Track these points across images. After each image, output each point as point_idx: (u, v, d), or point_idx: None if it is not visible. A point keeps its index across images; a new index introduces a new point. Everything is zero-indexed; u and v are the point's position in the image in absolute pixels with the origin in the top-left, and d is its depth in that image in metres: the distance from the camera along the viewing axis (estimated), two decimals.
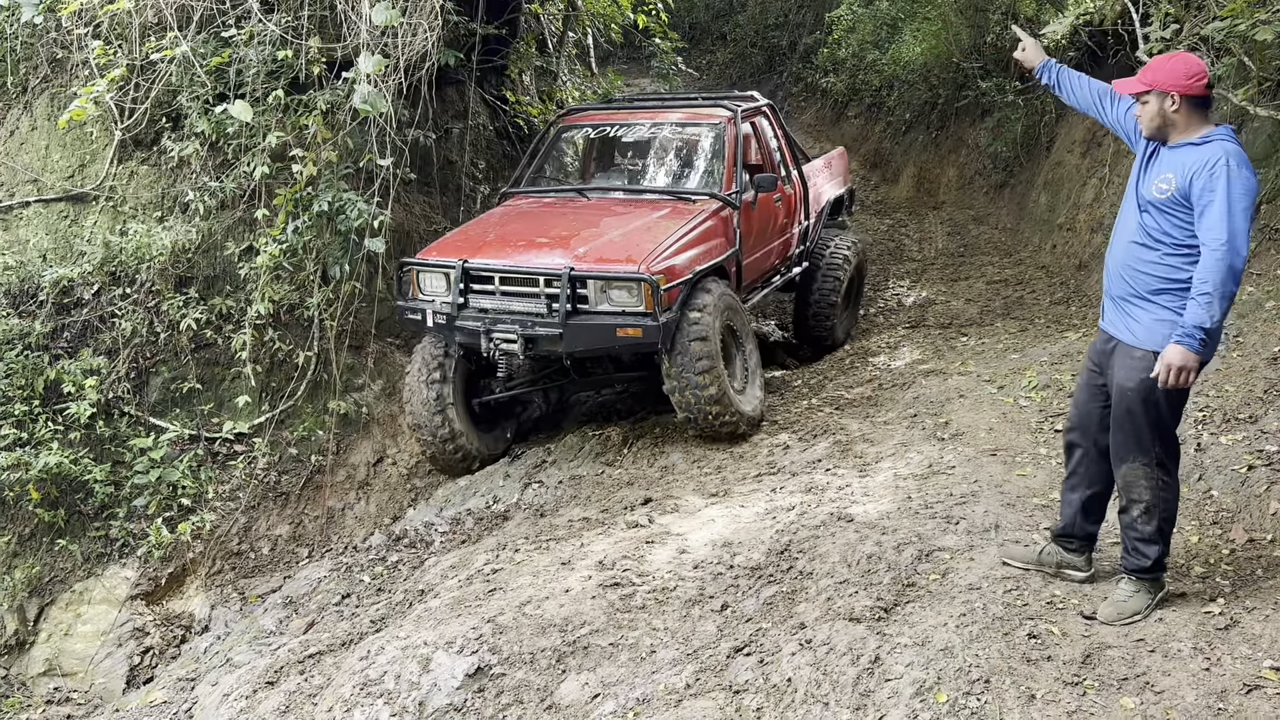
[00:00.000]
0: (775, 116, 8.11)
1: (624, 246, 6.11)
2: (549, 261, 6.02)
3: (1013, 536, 4.18)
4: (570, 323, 5.89)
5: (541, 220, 6.85)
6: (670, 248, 6.07)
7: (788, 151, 8.04)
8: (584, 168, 7.74)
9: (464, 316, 6.19)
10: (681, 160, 7.38)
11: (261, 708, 4.29)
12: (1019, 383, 6.11)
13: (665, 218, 6.50)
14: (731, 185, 6.84)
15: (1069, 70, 3.99)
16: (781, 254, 7.86)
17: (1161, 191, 3.40)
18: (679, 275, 5.98)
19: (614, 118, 7.68)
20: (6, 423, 6.57)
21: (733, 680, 3.57)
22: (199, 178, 7.15)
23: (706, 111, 7.50)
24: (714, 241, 6.49)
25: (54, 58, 7.72)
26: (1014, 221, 10.96)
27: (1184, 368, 3.29)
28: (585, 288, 5.90)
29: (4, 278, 7.04)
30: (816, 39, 16.59)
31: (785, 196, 7.75)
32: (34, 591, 6.53)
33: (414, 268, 6.40)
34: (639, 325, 5.80)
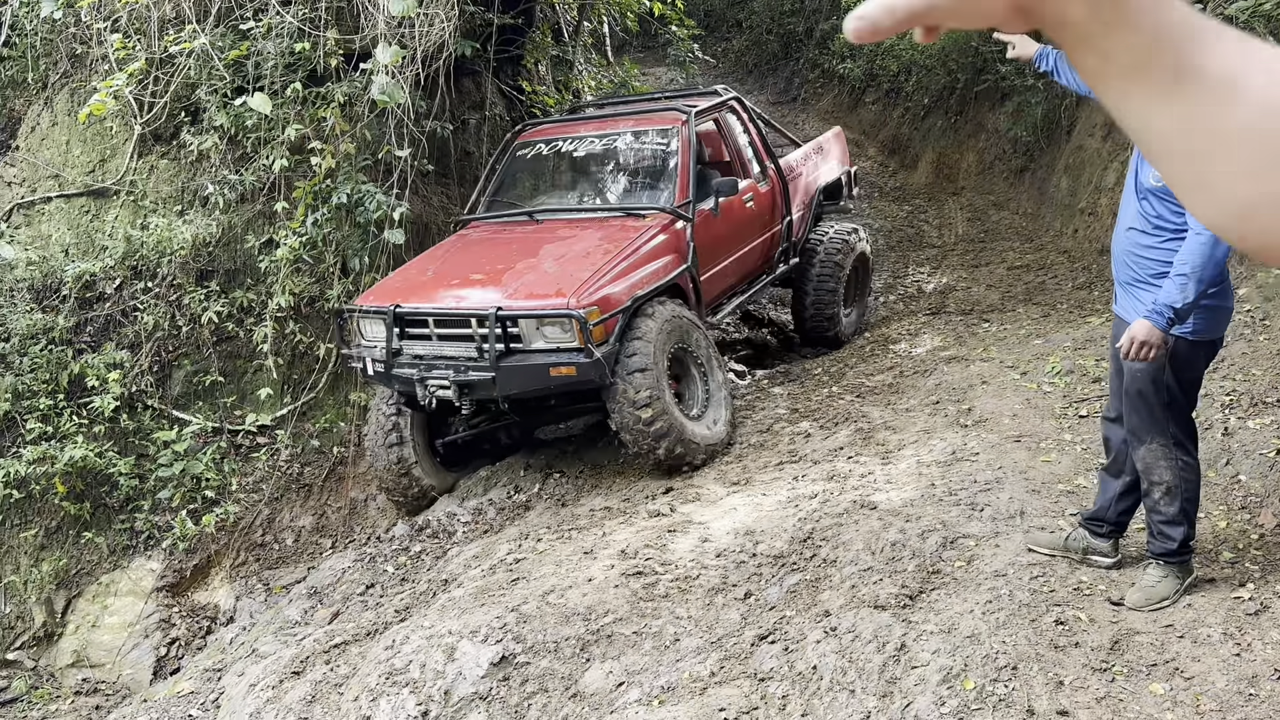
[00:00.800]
0: (745, 109, 7.71)
1: (556, 279, 5.72)
2: (478, 301, 5.67)
3: (1038, 523, 4.15)
4: (502, 365, 5.53)
5: (482, 253, 6.46)
6: (606, 275, 5.68)
7: (761, 145, 7.61)
8: (536, 188, 7.23)
9: (399, 364, 5.87)
10: (632, 172, 6.94)
11: (288, 698, 4.31)
12: (1042, 368, 6.06)
13: (606, 240, 6.11)
14: (685, 195, 6.42)
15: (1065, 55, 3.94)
16: (763, 254, 7.47)
17: (1158, 179, 3.38)
18: (615, 304, 5.60)
19: (566, 130, 7.27)
20: (32, 417, 6.63)
21: (757, 668, 3.56)
22: (218, 171, 7.18)
23: (658, 116, 7.05)
24: (663, 260, 6.10)
25: (73, 53, 7.76)
26: (1035, 206, 10.87)
27: (1147, 342, 3.31)
28: (517, 326, 5.54)
29: (27, 273, 7.10)
30: (833, 24, 16.48)
31: (759, 194, 7.35)
32: (61, 584, 6.60)
33: (354, 314, 6.11)
34: (572, 363, 5.44)
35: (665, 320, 5.74)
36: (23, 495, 6.53)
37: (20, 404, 6.66)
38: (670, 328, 5.77)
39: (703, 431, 5.86)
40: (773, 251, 7.58)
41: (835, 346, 8.11)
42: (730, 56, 19.03)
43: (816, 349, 8.22)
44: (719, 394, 6.11)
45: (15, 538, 6.61)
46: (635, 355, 5.55)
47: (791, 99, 16.90)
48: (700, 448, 5.78)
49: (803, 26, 17.63)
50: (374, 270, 7.02)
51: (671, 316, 5.81)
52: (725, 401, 6.13)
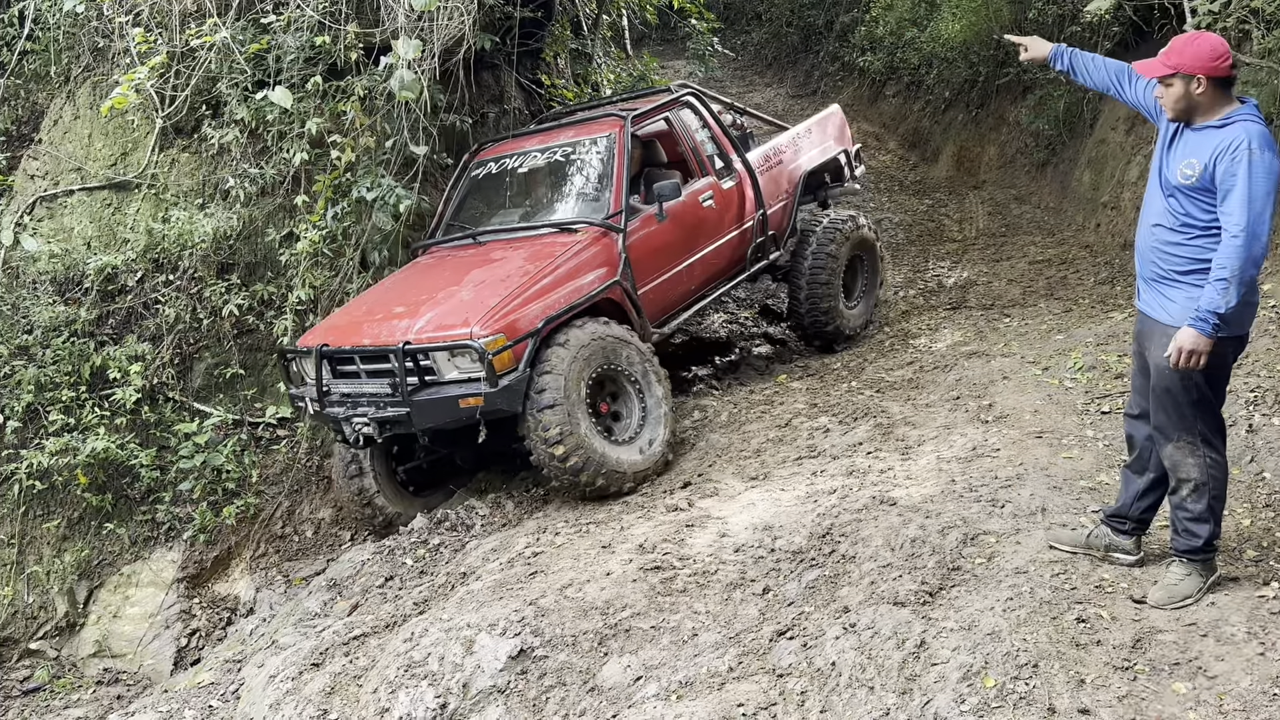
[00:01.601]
0: (704, 104, 7.38)
1: (466, 307, 5.57)
2: (391, 336, 5.55)
3: (1060, 520, 4.12)
4: (415, 399, 5.42)
5: (417, 282, 6.31)
6: (518, 299, 5.53)
7: (725, 140, 7.30)
8: (487, 208, 7.00)
9: (329, 403, 5.80)
10: (571, 184, 6.73)
11: (307, 689, 4.34)
12: (1064, 364, 6.01)
13: (530, 259, 5.93)
14: (619, 204, 6.22)
15: (1081, 53, 3.88)
16: (731, 253, 7.15)
17: (1186, 177, 3.35)
18: (523, 329, 5.43)
19: (514, 147, 7.05)
20: (55, 409, 6.69)
21: (776, 664, 3.55)
22: (239, 165, 7.22)
23: (595, 124, 6.81)
24: (588, 275, 5.90)
25: (95, 46, 7.81)
26: (1057, 200, 10.79)
27: (1195, 350, 3.28)
28: (429, 359, 5.43)
29: (50, 265, 7.16)
30: (854, 17, 16.39)
31: (721, 192, 7.03)
32: (83, 574, 6.67)
33: (294, 355, 6.05)
34: (479, 394, 5.30)
35: (582, 345, 5.53)
36: (45, 486, 6.59)
37: (43, 396, 6.71)
38: (592, 350, 5.56)
39: (632, 457, 5.65)
40: (743, 249, 7.27)
41: (836, 343, 7.87)
42: (749, 49, 18.96)
43: (823, 347, 7.95)
44: (657, 411, 5.87)
45: (38, 528, 6.68)
46: (545, 391, 5.36)
47: (811, 92, 16.83)
48: (627, 475, 5.58)
49: (823, 19, 17.54)
50: (393, 264, 7.03)
51: (592, 338, 5.59)
52: (664, 419, 5.87)
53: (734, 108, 8.38)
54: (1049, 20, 11.27)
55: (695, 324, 9.28)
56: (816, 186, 8.34)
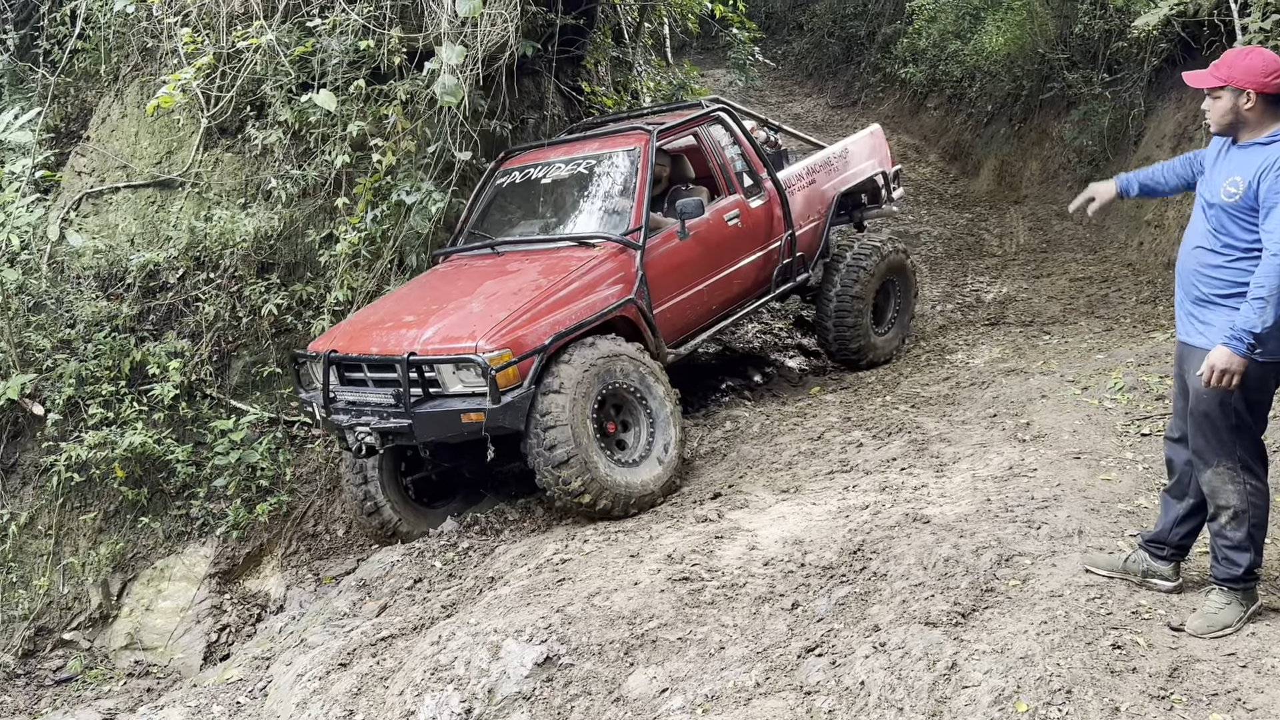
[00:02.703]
0: (735, 120, 7.22)
1: (475, 320, 5.49)
2: (399, 345, 5.50)
3: (1096, 543, 4.05)
4: (417, 411, 5.35)
5: (431, 291, 6.25)
6: (527, 313, 5.44)
7: (755, 157, 7.15)
8: (510, 217, 6.90)
9: (334, 410, 5.76)
10: (594, 198, 6.59)
11: (334, 689, 4.35)
12: (1104, 384, 5.93)
13: (544, 273, 5.84)
14: (639, 220, 6.11)
15: (1144, 171, 3.81)
16: (756, 274, 7.01)
17: (1230, 195, 3.28)
18: (530, 345, 5.33)
19: (540, 157, 6.95)
20: (94, 402, 6.78)
21: (804, 681, 3.51)
22: (281, 165, 7.29)
23: (622, 137, 6.67)
24: (602, 291, 5.79)
25: (144, 46, 7.92)
26: (1099, 217, 10.65)
27: (1228, 370, 3.22)
28: (434, 371, 5.36)
29: (94, 261, 7.27)
30: (896, 29, 16.31)
31: (748, 211, 6.90)
32: (118, 567, 6.75)
33: (304, 360, 6.03)
34: (481, 409, 5.20)
35: (591, 363, 5.41)
36: (83, 479, 6.68)
37: (84, 389, 6.81)
38: (600, 370, 5.44)
39: (638, 479, 5.53)
40: (769, 270, 7.13)
41: (864, 367, 7.70)
42: (790, 59, 18.93)
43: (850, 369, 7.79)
44: (665, 433, 5.73)
45: (75, 520, 6.77)
46: (549, 412, 5.24)
47: (852, 103, 16.77)
48: (632, 498, 5.46)
49: (865, 30, 17.48)
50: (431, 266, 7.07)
51: (601, 357, 5.47)
52: (673, 440, 5.73)
53: (768, 124, 8.27)
54: (1095, 35, 11.17)
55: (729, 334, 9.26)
56: (853, 207, 8.21)
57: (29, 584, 6.59)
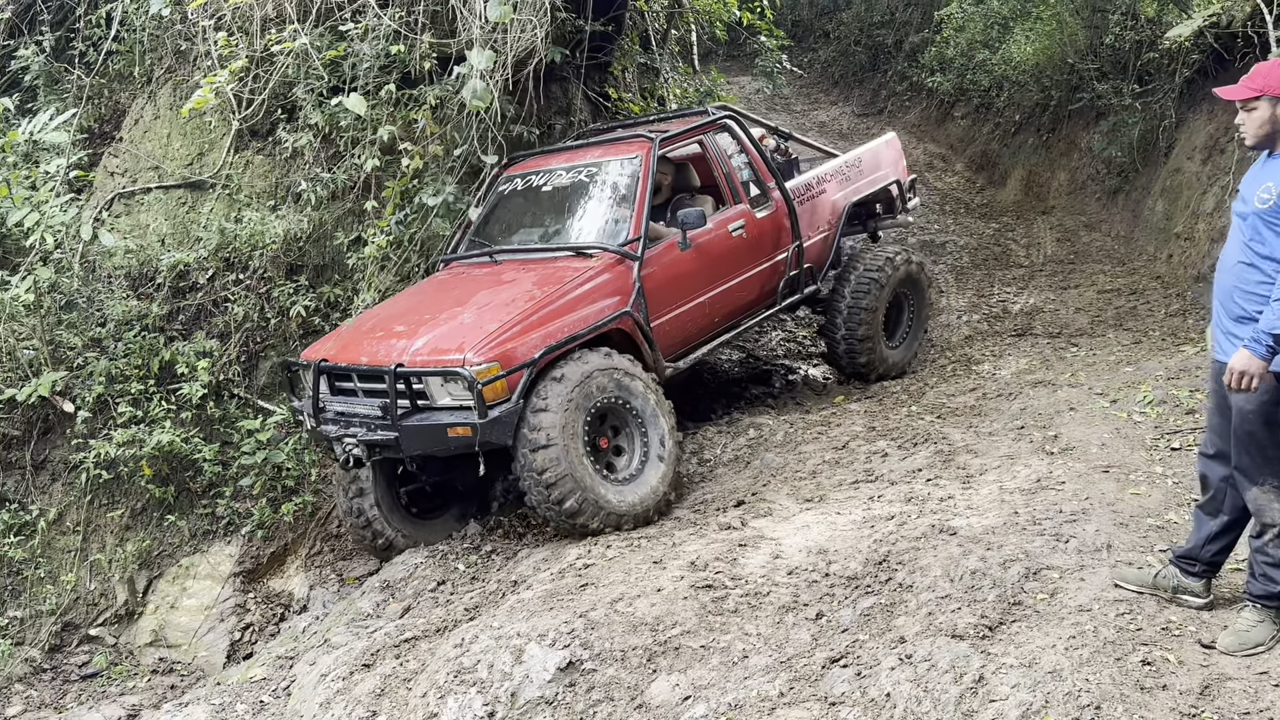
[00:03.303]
0: (742, 127, 7.04)
1: (464, 331, 5.37)
2: (388, 356, 5.39)
3: (1125, 558, 4.01)
4: (404, 424, 5.25)
5: (426, 300, 6.13)
6: (518, 325, 5.32)
7: (763, 166, 6.98)
8: (510, 225, 6.75)
9: (323, 420, 5.68)
10: (589, 206, 6.46)
11: (357, 690, 4.37)
12: (1133, 397, 5.88)
13: (539, 284, 5.72)
14: (638, 231, 5.98)
15: None
16: (761, 286, 6.85)
17: (1264, 201, 3.26)
18: (519, 358, 5.21)
19: (541, 164, 6.82)
20: (123, 400, 6.85)
21: (828, 691, 3.50)
22: (311, 168, 7.35)
23: (623, 145, 6.53)
24: (597, 304, 5.66)
25: (178, 49, 8.01)
26: (1128, 229, 10.57)
27: (1245, 372, 3.20)
28: (422, 383, 5.25)
29: (125, 261, 7.34)
30: (924, 37, 16.25)
31: (754, 221, 6.74)
32: (144, 564, 6.80)
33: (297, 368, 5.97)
34: (468, 423, 5.09)
35: (582, 378, 5.28)
36: (111, 476, 6.74)
37: (113, 388, 6.87)
38: (592, 384, 5.31)
39: (633, 497, 5.41)
40: (775, 281, 6.97)
41: (874, 380, 7.55)
42: (816, 67, 18.89)
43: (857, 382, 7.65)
44: (660, 450, 5.60)
45: (103, 517, 6.83)
46: (538, 428, 5.13)
47: (878, 111, 16.71)
48: (625, 517, 5.35)
49: (892, 39, 17.42)
50: None
51: (593, 371, 5.34)
52: (668, 458, 5.60)
53: (778, 132, 8.12)
54: (1126, 46, 11.08)
55: (751, 341, 9.24)
56: (867, 217, 8.07)
57: (56, 580, 6.65)
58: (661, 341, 6.08)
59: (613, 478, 5.45)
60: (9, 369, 6.80)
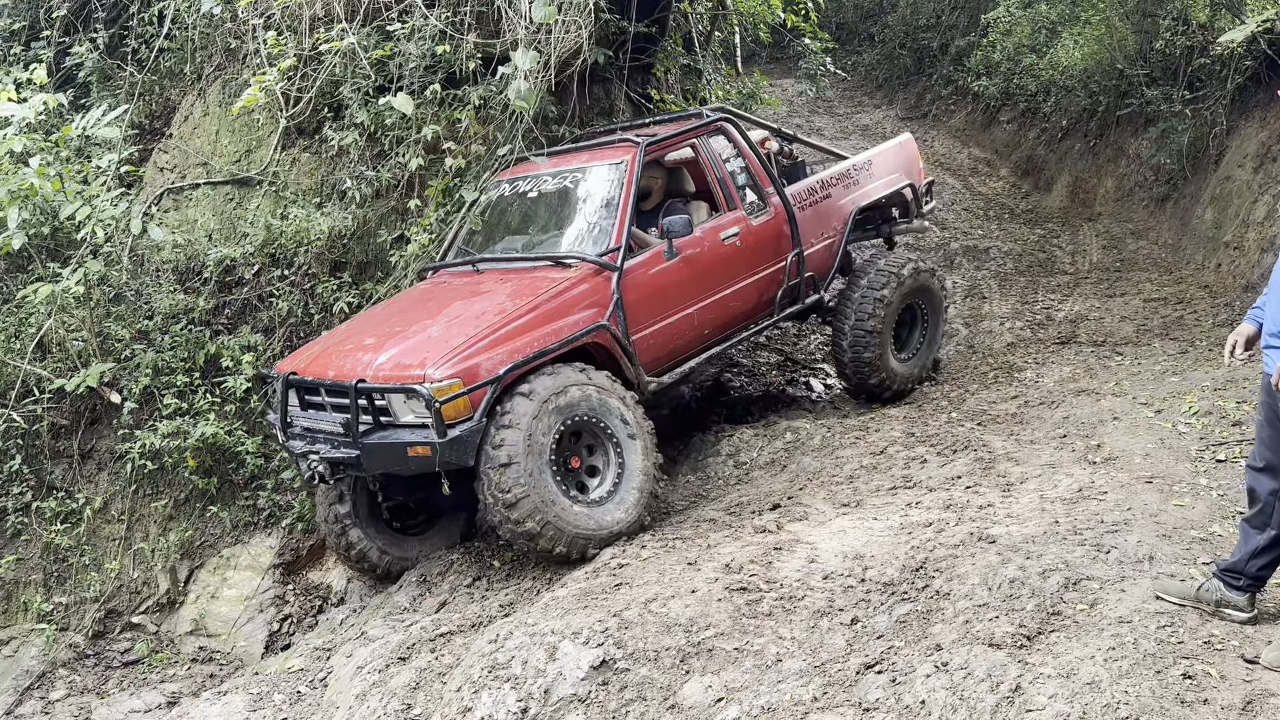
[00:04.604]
0: (739, 130, 6.79)
1: (429, 345, 5.19)
2: (354, 370, 5.22)
3: (1168, 570, 3.95)
4: (364, 442, 5.10)
5: (401, 310, 5.96)
6: (485, 339, 5.13)
7: (761, 171, 6.72)
8: (496, 232, 6.55)
9: (291, 434, 5.56)
10: (572, 214, 6.24)
11: (393, 682, 4.41)
12: (1178, 407, 5.79)
13: (512, 295, 5.51)
14: (619, 240, 5.75)
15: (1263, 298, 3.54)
16: (758, 296, 6.60)
17: None
18: (482, 375, 5.00)
19: (530, 169, 6.60)
20: (169, 392, 6.96)
21: (862, 697, 3.48)
22: (356, 167, 7.42)
23: (609, 150, 6.28)
24: (572, 316, 5.43)
25: (228, 47, 8.13)
26: (1176, 237, 10.41)
27: None
28: (385, 399, 5.08)
29: (173, 255, 7.46)
30: (970, 41, 16.11)
31: (750, 229, 6.47)
32: (186, 554, 6.91)
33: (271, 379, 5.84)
34: (427, 443, 4.92)
35: (551, 394, 5.06)
36: (156, 467, 6.85)
37: (159, 380, 6.99)
38: (562, 401, 5.10)
39: (605, 519, 5.19)
40: (773, 291, 6.69)
41: (882, 398, 7.25)
42: (860, 70, 18.79)
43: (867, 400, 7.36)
44: (634, 469, 5.36)
45: (147, 507, 6.94)
46: (501, 447, 4.92)
47: (922, 115, 16.59)
48: (593, 540, 5.14)
49: (937, 42, 17.29)
50: None
51: (563, 387, 5.12)
52: (644, 478, 5.37)
53: (782, 134, 7.84)
54: (1176, 51, 10.92)
55: (789, 345, 9.21)
56: (881, 221, 7.79)
57: (101, 567, 6.77)
58: (644, 355, 5.86)
59: (584, 499, 5.23)
60: (59, 359, 6.94)
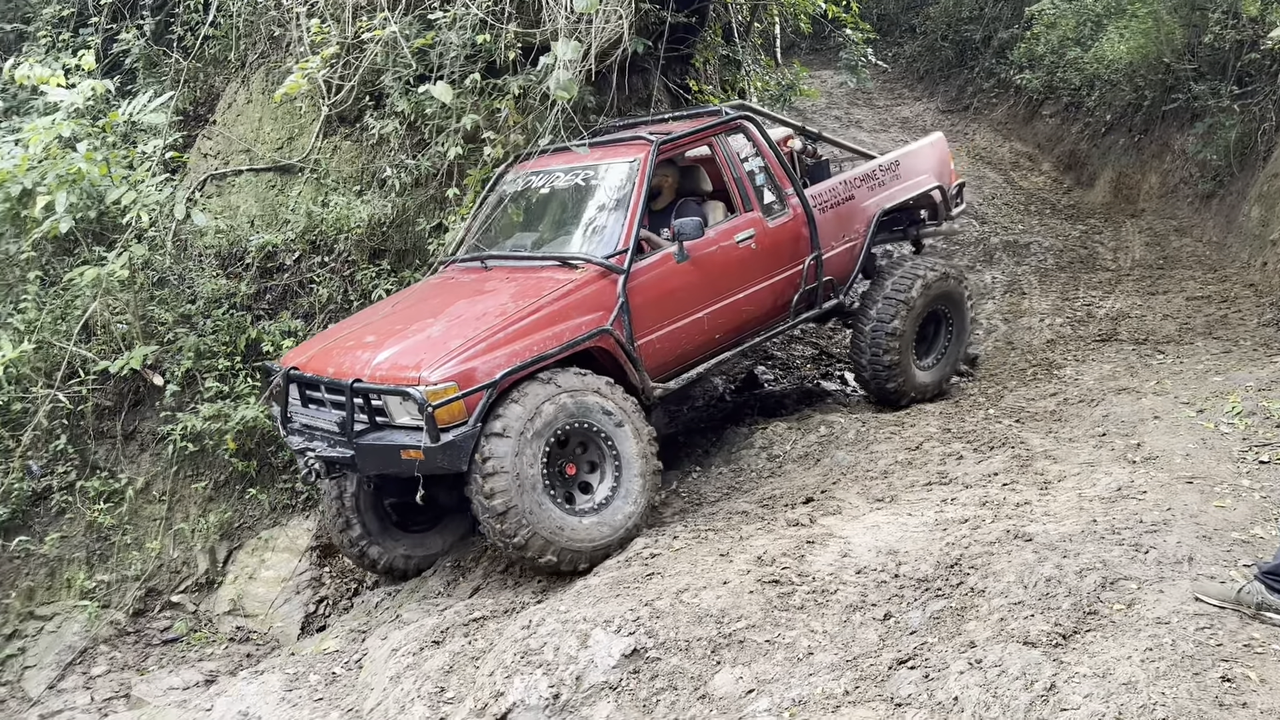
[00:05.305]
0: (759, 128, 6.59)
1: (427, 346, 5.11)
2: (352, 368, 5.16)
3: (1208, 571, 3.90)
4: (359, 442, 5.03)
5: (408, 306, 5.90)
6: (484, 342, 5.03)
7: (780, 171, 6.54)
8: (509, 228, 6.42)
9: (290, 430, 5.51)
10: (582, 212, 6.10)
11: (427, 665, 4.46)
12: (1221, 407, 5.70)
13: (516, 296, 5.42)
14: (627, 241, 5.62)
15: None
16: (773, 300, 6.44)
17: None
18: (478, 378, 4.90)
19: (544, 164, 6.48)
20: (210, 376, 7.06)
21: (894, 692, 3.47)
22: (396, 155, 7.47)
23: (623, 147, 6.15)
24: (574, 320, 5.31)
25: (271, 35, 8.20)
26: (1221, 235, 10.23)
27: None
28: (380, 399, 5.01)
29: (215, 240, 7.55)
30: (1013, 34, 15.90)
31: (766, 230, 6.31)
32: (225, 535, 7.01)
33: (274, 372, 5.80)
34: (419, 446, 4.84)
35: (545, 400, 4.96)
36: (197, 449, 6.96)
37: (201, 363, 7.09)
38: (556, 408, 4.99)
39: (598, 529, 5.08)
40: (790, 295, 6.52)
41: (899, 405, 7.03)
42: (901, 62, 18.60)
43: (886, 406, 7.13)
44: (632, 478, 5.24)
45: (187, 488, 7.05)
46: (490, 457, 4.82)
47: (963, 108, 16.40)
48: (584, 553, 5.02)
49: (980, 34, 17.07)
50: None
51: (558, 394, 5.02)
52: (643, 487, 5.25)
53: (806, 132, 7.64)
54: (1225, 46, 10.72)
55: (825, 339, 9.17)
56: (909, 223, 7.62)
57: (142, 546, 6.89)
58: (651, 360, 5.75)
59: (578, 508, 5.14)
60: (103, 342, 7.05)
